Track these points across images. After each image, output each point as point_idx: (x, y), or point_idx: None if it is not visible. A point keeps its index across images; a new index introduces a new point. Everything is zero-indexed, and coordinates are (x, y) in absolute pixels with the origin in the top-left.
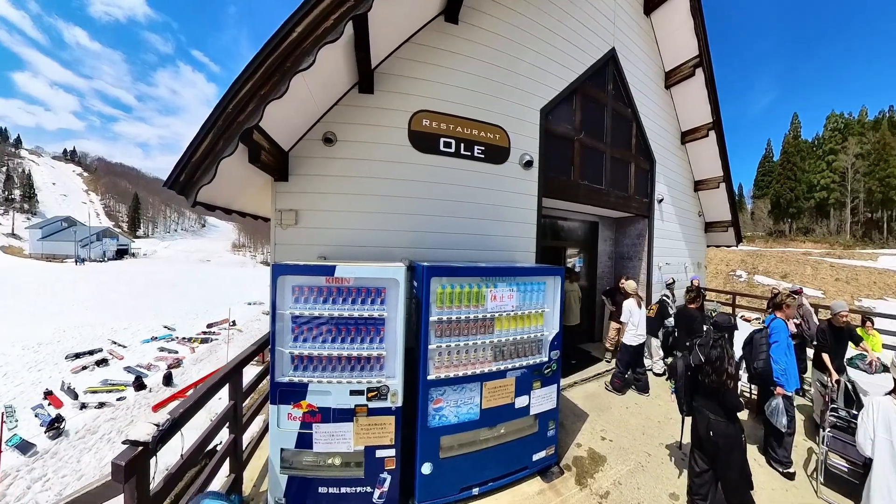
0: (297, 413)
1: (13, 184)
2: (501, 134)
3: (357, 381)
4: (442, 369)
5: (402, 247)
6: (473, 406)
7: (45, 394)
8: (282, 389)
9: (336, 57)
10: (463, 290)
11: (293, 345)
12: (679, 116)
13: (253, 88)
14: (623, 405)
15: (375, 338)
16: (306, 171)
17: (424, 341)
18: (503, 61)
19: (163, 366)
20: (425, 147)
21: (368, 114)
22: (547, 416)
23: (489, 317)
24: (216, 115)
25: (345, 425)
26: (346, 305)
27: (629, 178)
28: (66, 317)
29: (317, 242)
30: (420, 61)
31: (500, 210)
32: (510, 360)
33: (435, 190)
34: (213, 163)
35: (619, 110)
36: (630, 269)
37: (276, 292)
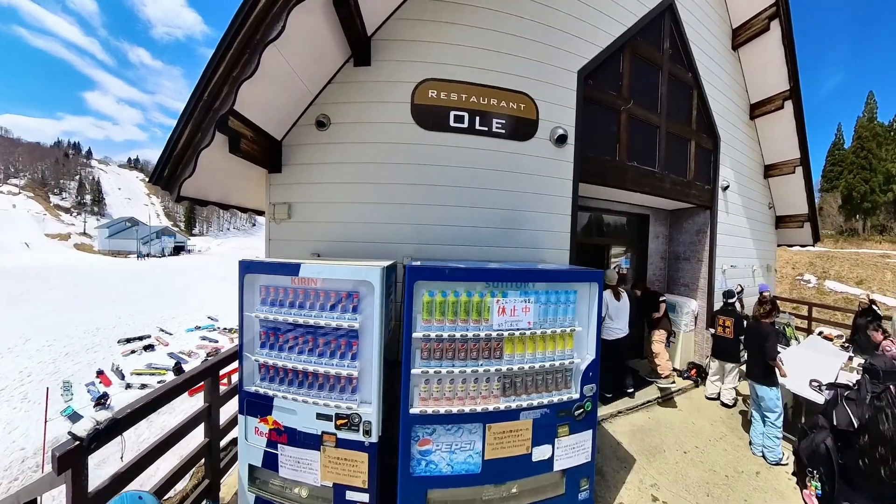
0: (264, 428)
1: (85, 190)
2: (528, 103)
3: (324, 402)
4: (430, 402)
5: (407, 242)
6: (473, 454)
7: (98, 373)
8: (249, 399)
9: (315, 23)
10: (459, 300)
11: (260, 352)
12: (748, 84)
13: (225, 71)
14: (680, 447)
15: (347, 353)
16: (300, 161)
17: (406, 364)
18: (531, 11)
19: (202, 353)
20: (432, 124)
21: (366, 90)
22: (579, 473)
23: (494, 336)
24: (192, 105)
25: (311, 453)
26: (313, 312)
27: (688, 160)
28: (124, 305)
29: (311, 238)
30: (425, 20)
31: (526, 198)
32: (526, 397)
33: (444, 175)
34: (192, 155)
35: (676, 74)
36: (687, 271)
37: (244, 292)
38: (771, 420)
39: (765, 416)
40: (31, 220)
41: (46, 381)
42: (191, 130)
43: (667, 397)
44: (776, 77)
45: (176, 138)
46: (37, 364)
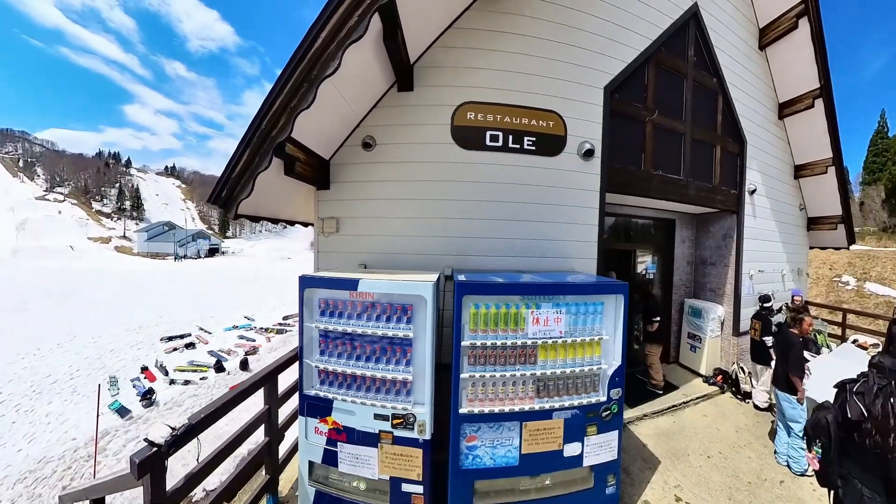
0: (324, 428)
1: (124, 196)
2: (556, 120)
3: (381, 404)
4: (476, 402)
5: (447, 254)
6: (512, 449)
7: (142, 369)
8: (309, 402)
9: (366, 56)
10: (499, 311)
11: (319, 359)
12: (776, 84)
13: (283, 102)
14: (703, 452)
15: (402, 360)
16: (347, 178)
17: (456, 369)
18: (559, 34)
19: (241, 352)
20: (470, 143)
21: (409, 113)
22: (606, 470)
23: (530, 344)
24: (251, 133)
25: (369, 449)
26: (370, 323)
27: (713, 165)
28: (163, 304)
29: (358, 250)
30: (463, 47)
31: (555, 210)
32: (557, 398)
33: (481, 190)
34: (250, 178)
35: (701, 81)
36: (713, 276)
37: (304, 305)
38: (795, 431)
39: (789, 427)
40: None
41: (94, 376)
42: (249, 156)
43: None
44: (806, 75)
45: (234, 163)
46: (84, 360)
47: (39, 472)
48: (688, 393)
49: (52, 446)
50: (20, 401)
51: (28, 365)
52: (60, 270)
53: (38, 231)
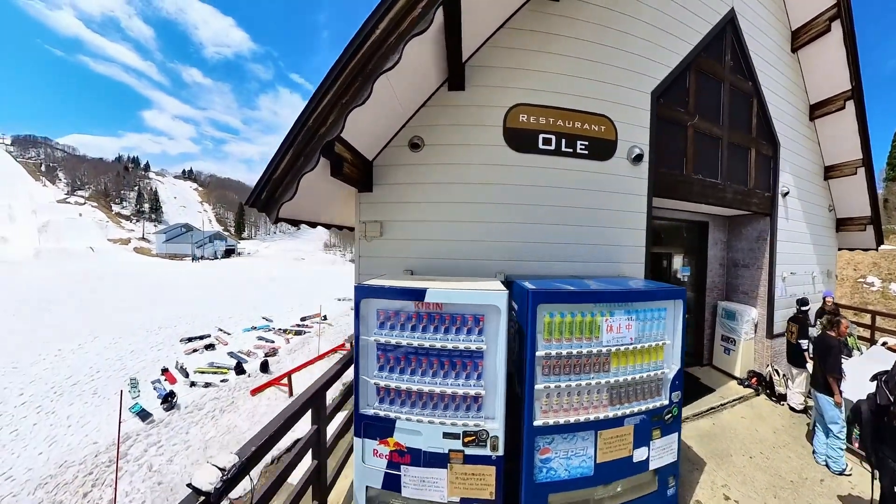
0: (384, 450)
1: (143, 199)
2: (607, 125)
3: (451, 422)
4: (550, 414)
5: (498, 259)
6: (587, 459)
7: (162, 371)
8: (366, 422)
9: (423, 51)
10: (574, 320)
11: (378, 374)
12: (807, 86)
13: (334, 97)
14: (745, 453)
15: (473, 373)
16: (391, 181)
17: (530, 380)
18: (610, 39)
19: (261, 353)
20: (523, 146)
21: (459, 113)
22: (667, 472)
23: (604, 351)
24: (296, 130)
25: (437, 471)
26: (438, 335)
27: (749, 168)
28: (182, 305)
29: (403, 255)
30: (516, 48)
31: (605, 215)
32: (628, 405)
33: (533, 194)
34: (294, 179)
35: (737, 85)
36: (746, 278)
37: (360, 316)
38: (834, 432)
39: (828, 428)
40: (95, 227)
41: (114, 378)
42: (293, 155)
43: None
44: (837, 77)
45: (277, 163)
46: (105, 360)
47: (61, 478)
48: (724, 395)
49: (74, 450)
50: (41, 402)
51: (49, 366)
52: (81, 271)
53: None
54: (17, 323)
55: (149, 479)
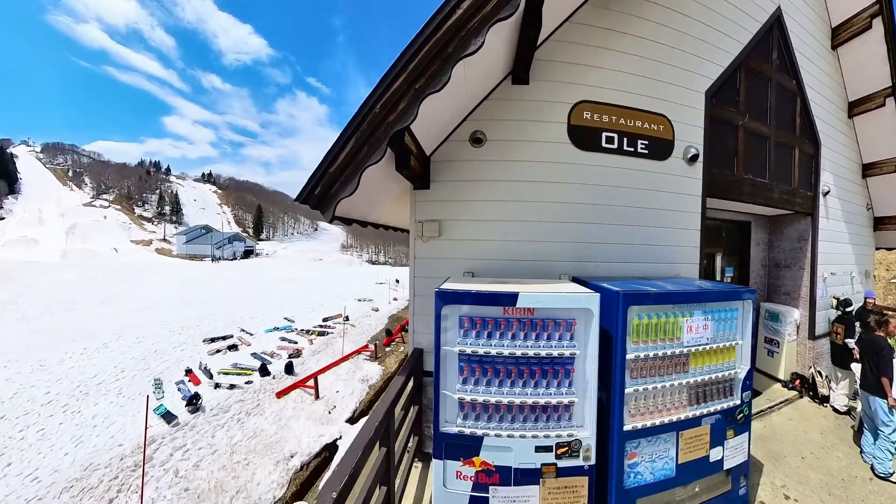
0: (469, 472)
1: (164, 202)
2: (665, 124)
3: (544, 434)
4: (637, 417)
5: (561, 260)
6: (669, 460)
7: (186, 371)
8: (448, 442)
9: (498, 39)
10: (659, 321)
11: (462, 388)
12: (846, 83)
13: (406, 82)
14: (797, 453)
15: (564, 381)
16: (450, 177)
17: (619, 384)
18: (668, 38)
19: (284, 354)
20: (586, 144)
21: (523, 108)
22: (739, 471)
23: (685, 352)
24: (360, 117)
25: (529, 489)
26: (529, 342)
27: (793, 168)
28: (204, 305)
29: (463, 256)
30: (580, 43)
31: (662, 215)
32: (704, 404)
33: (595, 193)
34: (355, 172)
35: (783, 83)
36: (788, 279)
37: (441, 324)
38: (885, 434)
39: (878, 429)
40: (119, 228)
41: (139, 378)
42: (355, 145)
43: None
44: (877, 74)
45: (335, 154)
46: (129, 360)
47: (86, 481)
48: (771, 398)
49: (99, 452)
50: (67, 401)
51: (75, 364)
52: (106, 271)
53: (85, 235)
54: (44, 321)
55: (175, 485)
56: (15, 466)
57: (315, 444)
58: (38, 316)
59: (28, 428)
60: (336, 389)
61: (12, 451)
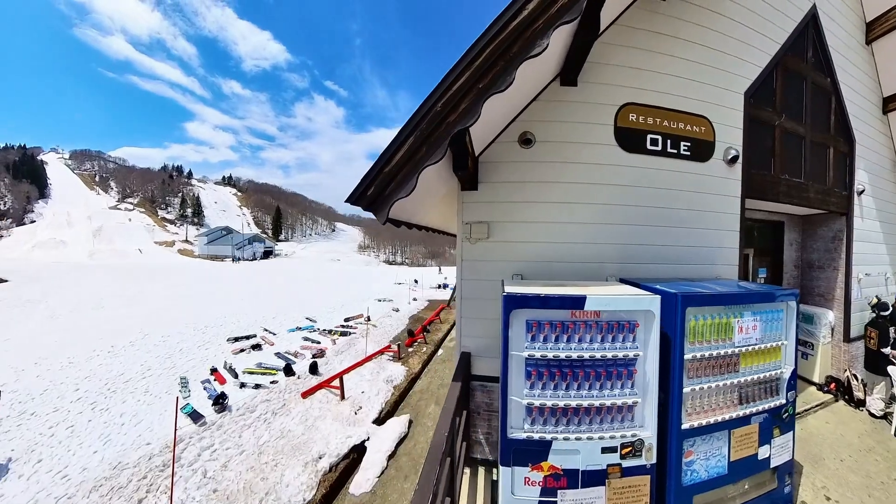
0: (537, 477)
1: (186, 205)
2: (706, 126)
3: (609, 435)
4: (693, 416)
5: (609, 262)
6: (721, 458)
7: (211, 370)
8: (517, 448)
9: (555, 41)
10: (713, 322)
11: (530, 393)
12: (881, 78)
13: (469, 82)
14: (835, 456)
15: (627, 382)
16: (499, 178)
17: (678, 384)
18: (709, 39)
19: (308, 354)
20: (632, 146)
21: (571, 109)
22: (784, 470)
23: (735, 352)
24: (421, 116)
25: (596, 490)
26: (595, 344)
27: (827, 167)
28: (226, 305)
29: (511, 259)
30: (626, 45)
31: (702, 216)
32: (753, 404)
33: (641, 195)
34: (412, 172)
35: (817, 82)
36: (822, 280)
37: (510, 330)
38: None
39: None
40: (143, 230)
41: (165, 375)
42: (414, 144)
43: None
44: None
45: (392, 153)
46: (155, 358)
47: (115, 481)
48: (807, 401)
49: (127, 451)
50: (96, 398)
51: (103, 362)
52: (131, 271)
53: (111, 236)
54: (73, 319)
55: (203, 485)
56: (45, 463)
57: (343, 445)
58: (66, 314)
59: (58, 425)
60: (361, 390)
61: (43, 447)
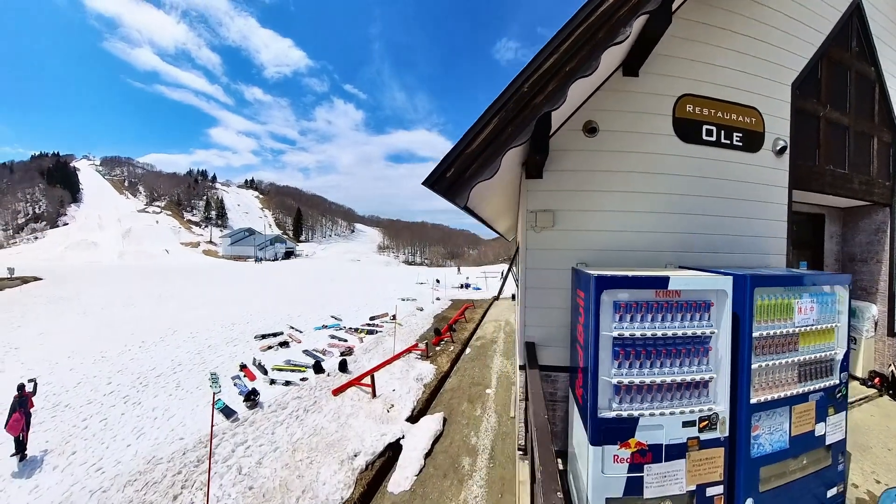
0: (625, 454)
1: (211, 207)
2: (756, 117)
3: (689, 410)
4: (759, 392)
5: (666, 250)
6: (783, 433)
7: (241, 367)
8: (607, 427)
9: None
10: (777, 302)
11: (617, 372)
12: None
13: (557, 65)
14: (883, 445)
15: (703, 359)
16: (564, 167)
17: (747, 360)
18: (758, 31)
19: (336, 352)
20: (689, 136)
21: (632, 99)
22: (838, 448)
23: (795, 332)
24: (507, 97)
25: (677, 463)
26: (675, 322)
27: (871, 157)
28: (251, 303)
29: (576, 247)
30: (683, 38)
31: (753, 206)
32: (811, 382)
33: (696, 185)
34: (496, 153)
35: (861, 72)
36: (864, 273)
37: (599, 310)
38: None
39: None
40: (170, 232)
41: (195, 371)
42: (498, 125)
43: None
44: None
45: (475, 134)
46: (184, 354)
47: (150, 476)
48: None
49: (161, 445)
50: (128, 392)
51: (134, 357)
52: (159, 271)
53: (139, 238)
54: (104, 316)
55: (239, 482)
56: (80, 455)
57: (378, 443)
58: (98, 311)
59: (91, 417)
60: (392, 388)
61: (77, 440)
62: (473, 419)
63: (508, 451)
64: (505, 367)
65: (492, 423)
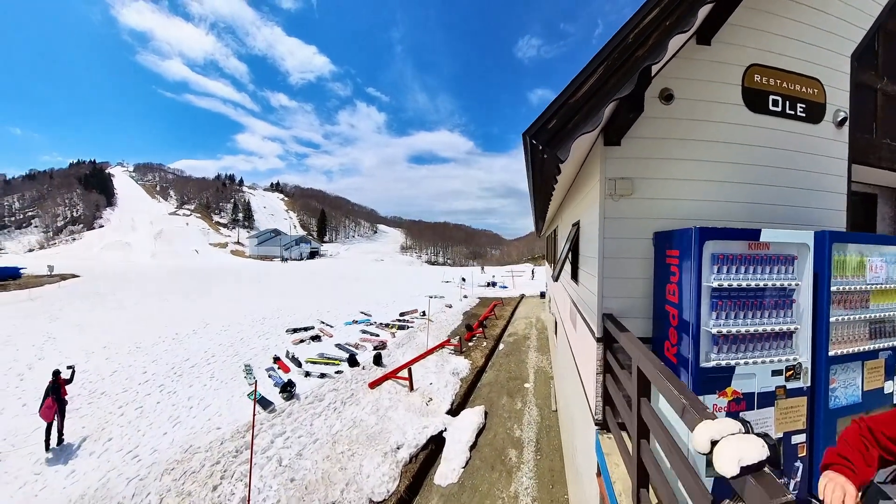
0: (722, 402)
1: (238, 209)
2: (818, 88)
3: (778, 359)
4: (836, 346)
5: (735, 221)
6: (856, 388)
7: (274, 359)
8: (708, 377)
9: None
10: (851, 258)
11: (716, 322)
12: None
13: (658, 18)
14: None
15: (789, 311)
16: (641, 134)
17: (826, 314)
18: (821, 2)
19: (368, 346)
20: (757, 106)
21: (704, 68)
22: None
23: (867, 289)
24: (612, 47)
25: (767, 410)
26: (765, 275)
27: None
28: (279, 299)
29: (652, 216)
30: (750, 7)
31: (812, 178)
32: (881, 340)
33: (762, 155)
34: (599, 104)
35: None
36: None
37: (701, 260)
38: None
39: None
40: (199, 233)
41: (229, 362)
42: (603, 75)
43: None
44: None
45: (580, 83)
46: (217, 346)
47: (187, 465)
48: None
49: (198, 435)
50: (163, 381)
51: (168, 348)
52: (189, 269)
53: (170, 239)
54: (138, 310)
55: (280, 474)
56: (115, 442)
57: (420, 435)
58: (132, 305)
59: (127, 405)
60: (429, 381)
61: (113, 426)
62: (515, 412)
63: (555, 443)
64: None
65: (534, 416)
